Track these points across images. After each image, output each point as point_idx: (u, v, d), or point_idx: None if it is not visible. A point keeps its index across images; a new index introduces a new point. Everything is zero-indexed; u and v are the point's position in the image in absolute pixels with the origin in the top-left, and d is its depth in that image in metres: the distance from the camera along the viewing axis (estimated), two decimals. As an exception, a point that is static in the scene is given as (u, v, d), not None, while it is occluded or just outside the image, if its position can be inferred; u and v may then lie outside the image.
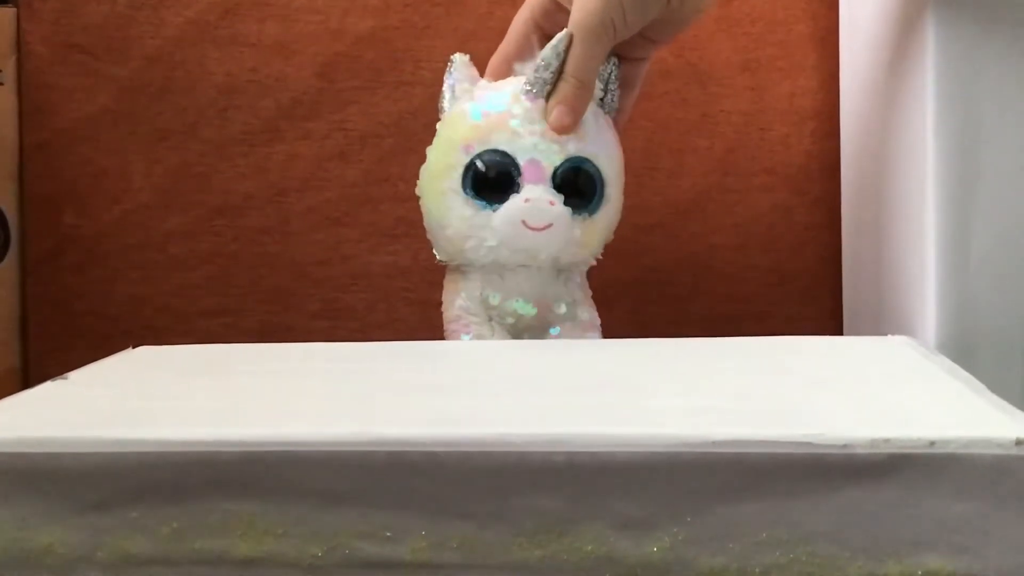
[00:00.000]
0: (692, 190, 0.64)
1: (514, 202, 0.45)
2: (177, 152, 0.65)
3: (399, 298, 0.66)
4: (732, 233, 0.65)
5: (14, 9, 0.65)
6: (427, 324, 0.51)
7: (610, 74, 0.49)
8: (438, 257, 0.49)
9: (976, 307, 0.45)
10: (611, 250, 0.49)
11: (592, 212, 0.47)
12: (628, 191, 0.50)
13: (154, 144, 0.65)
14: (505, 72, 0.49)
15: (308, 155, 0.65)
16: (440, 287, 0.50)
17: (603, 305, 0.50)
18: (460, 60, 0.49)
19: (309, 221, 0.65)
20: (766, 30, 0.64)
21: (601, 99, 0.49)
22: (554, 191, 0.46)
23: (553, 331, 0.48)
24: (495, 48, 0.51)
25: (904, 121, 0.49)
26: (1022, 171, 0.45)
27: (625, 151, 0.50)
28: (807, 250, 0.64)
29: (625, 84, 0.50)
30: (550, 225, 0.45)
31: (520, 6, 0.54)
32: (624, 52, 0.49)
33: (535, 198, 0.45)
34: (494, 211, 0.46)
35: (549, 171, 0.46)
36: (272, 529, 0.29)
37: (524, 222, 0.45)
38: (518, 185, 0.46)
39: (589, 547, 0.29)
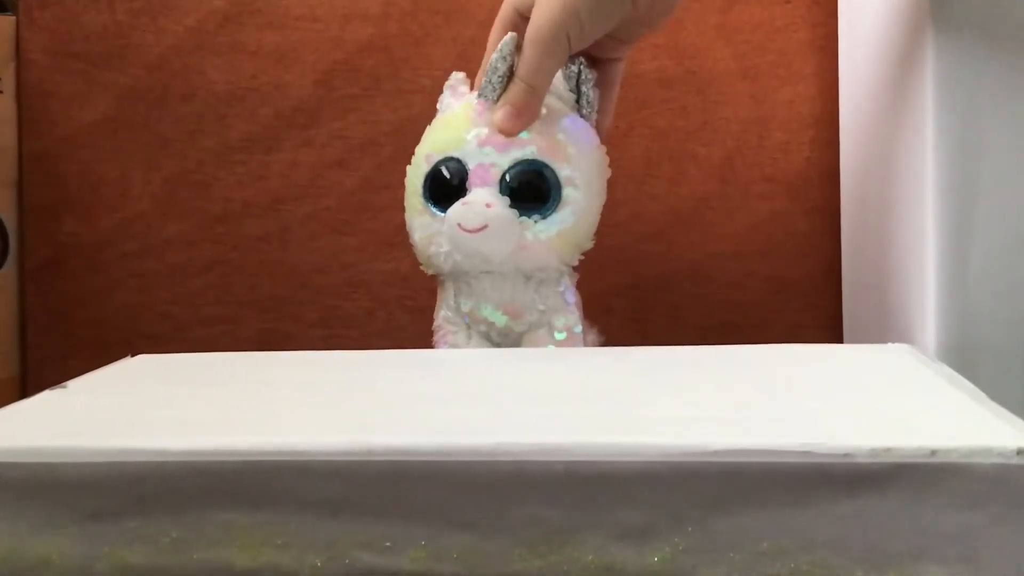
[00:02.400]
0: (691, 198, 0.64)
1: (455, 206, 0.46)
2: (176, 160, 0.65)
3: (398, 306, 0.66)
4: (731, 241, 0.65)
5: (14, 17, 0.65)
6: (426, 332, 0.51)
7: (579, 75, 0.48)
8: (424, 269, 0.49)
9: (976, 314, 0.45)
10: (610, 258, 0.49)
11: (545, 215, 0.46)
12: (626, 199, 0.50)
13: (153, 152, 0.65)
14: None
15: (307, 163, 0.65)
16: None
17: (602, 312, 0.50)
18: (453, 77, 0.50)
19: (308, 229, 0.65)
20: (765, 38, 0.64)
21: (576, 101, 0.48)
22: (499, 194, 0.45)
23: (559, 336, 0.47)
24: (487, 52, 0.51)
25: (904, 128, 0.49)
26: (1022, 178, 0.45)
27: (624, 158, 0.50)
28: (807, 258, 0.64)
29: (603, 84, 0.50)
30: (484, 227, 0.45)
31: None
32: (595, 53, 0.49)
33: (472, 201, 0.45)
34: (445, 216, 0.46)
35: (496, 175, 0.46)
36: (271, 539, 0.29)
37: (459, 225, 0.45)
38: (467, 190, 0.46)
39: (589, 557, 0.29)
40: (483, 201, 0.45)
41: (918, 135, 0.46)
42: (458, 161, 0.46)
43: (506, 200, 0.45)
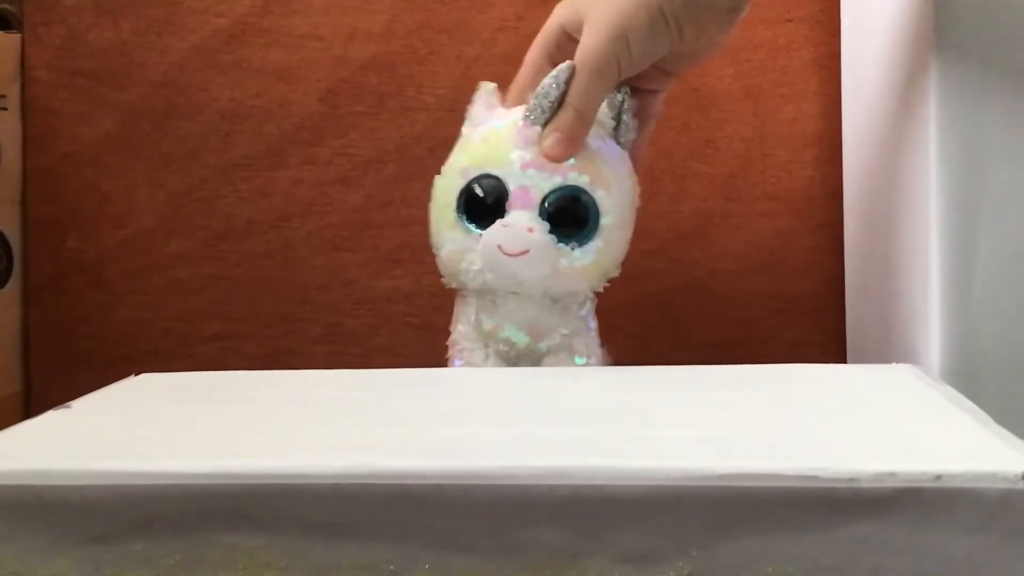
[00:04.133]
0: (694, 215, 0.65)
1: (495, 227, 0.45)
2: (180, 177, 0.66)
3: (401, 323, 0.66)
4: (734, 258, 0.65)
5: (19, 35, 0.65)
6: (430, 349, 0.51)
7: (621, 104, 0.48)
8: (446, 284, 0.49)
9: (980, 333, 0.45)
10: (613, 275, 0.49)
11: (582, 243, 0.46)
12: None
13: (157, 169, 0.66)
14: (522, 101, 0.49)
15: (311, 180, 0.65)
16: (443, 312, 0.50)
17: (605, 330, 0.50)
18: (484, 87, 0.49)
19: (312, 246, 0.66)
20: (768, 56, 0.64)
21: (614, 129, 0.48)
22: (539, 219, 0.45)
23: (579, 360, 0.47)
24: (498, 74, 0.51)
25: (907, 146, 0.49)
26: (1025, 198, 0.45)
27: (626, 176, 0.49)
28: (810, 275, 0.64)
29: (640, 115, 0.50)
30: (526, 251, 0.45)
31: (521, 33, 0.54)
32: (638, 84, 0.49)
33: (513, 223, 0.45)
34: (481, 235, 0.46)
35: (537, 198, 0.45)
36: (275, 562, 0.29)
37: (500, 247, 0.45)
38: (505, 211, 0.46)
39: (593, 581, 0.29)
40: (525, 225, 0.45)
41: (921, 153, 0.46)
42: (497, 180, 0.46)
43: (546, 225, 0.45)
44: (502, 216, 0.46)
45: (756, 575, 0.28)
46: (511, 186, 0.46)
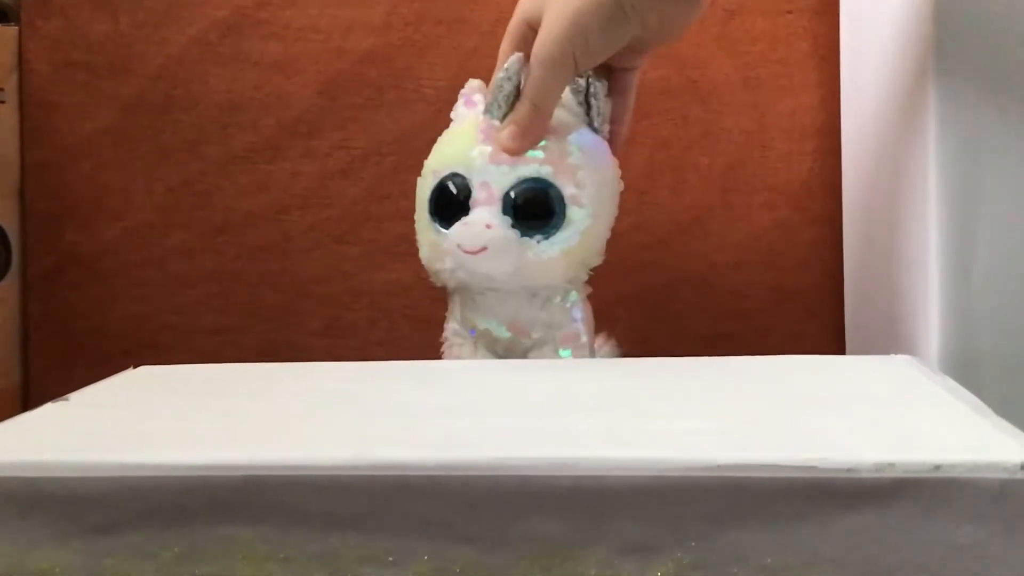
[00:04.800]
0: (693, 207, 0.65)
1: (456, 225, 0.45)
2: (179, 170, 0.66)
3: (400, 315, 0.66)
4: (733, 250, 0.65)
5: (16, 28, 0.65)
6: (428, 342, 0.51)
7: (587, 88, 0.48)
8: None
9: (979, 325, 0.45)
10: (612, 267, 0.49)
11: (548, 235, 0.45)
12: (629, 208, 0.50)
13: (156, 162, 0.65)
14: None
15: (310, 173, 0.65)
16: (441, 305, 0.50)
17: (604, 322, 0.50)
18: (469, 85, 0.50)
19: (310, 239, 0.65)
20: (767, 48, 0.64)
21: (586, 115, 0.48)
22: (500, 214, 0.45)
23: (563, 353, 0.47)
24: (496, 66, 0.51)
25: (906, 138, 0.49)
26: (1024, 190, 0.45)
27: (625, 169, 0.49)
28: (809, 267, 0.64)
29: (617, 92, 0.50)
30: (484, 248, 0.44)
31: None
32: (611, 62, 0.48)
33: (472, 221, 0.45)
34: (449, 234, 0.46)
35: (499, 193, 0.45)
36: (274, 554, 0.29)
37: (459, 245, 0.45)
38: (470, 208, 0.45)
39: (593, 571, 0.29)
40: (483, 222, 0.45)
41: (920, 145, 0.46)
42: (463, 177, 0.46)
43: (508, 220, 0.45)
44: (460, 213, 0.45)
45: (755, 565, 0.28)
46: (474, 182, 0.46)
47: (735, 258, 0.64)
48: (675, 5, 0.45)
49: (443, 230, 0.46)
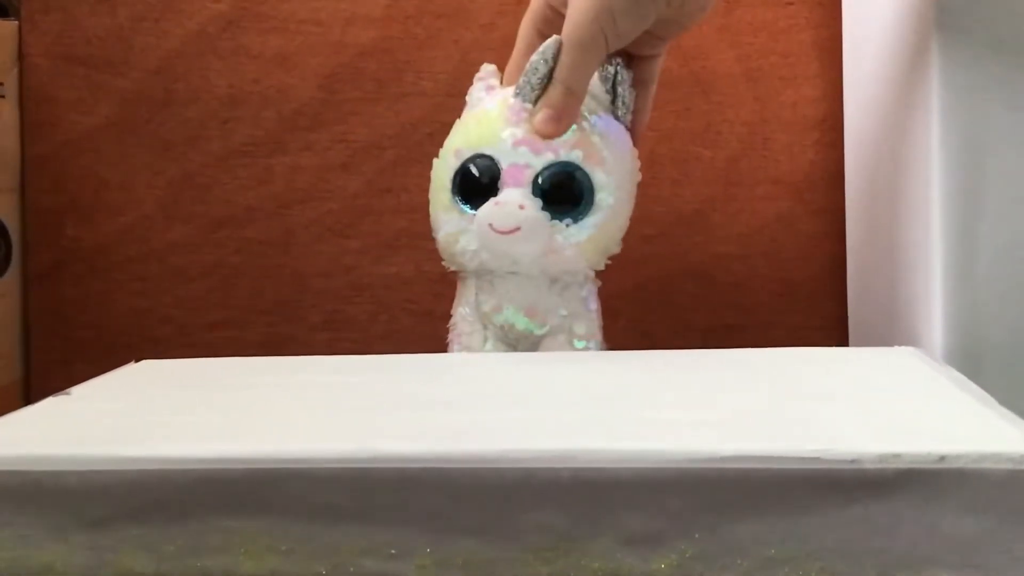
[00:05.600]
0: (695, 200, 0.64)
1: (487, 205, 0.45)
2: (179, 164, 0.65)
3: (401, 309, 0.65)
4: (736, 243, 0.64)
5: (16, 22, 0.65)
6: (429, 335, 0.51)
7: (615, 76, 0.48)
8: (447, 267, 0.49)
9: (983, 316, 0.45)
10: (614, 259, 0.49)
11: (577, 219, 0.45)
12: (631, 200, 0.49)
13: (156, 156, 0.65)
14: (514, 80, 0.49)
15: (310, 166, 0.65)
16: (443, 298, 0.50)
17: (607, 315, 0.50)
18: (485, 69, 0.49)
19: (311, 232, 0.65)
20: (769, 40, 0.63)
21: (611, 103, 0.48)
22: (531, 196, 0.45)
23: (578, 344, 0.47)
24: (497, 59, 0.51)
25: (909, 129, 0.48)
26: (1028, 180, 0.45)
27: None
28: (811, 259, 0.64)
29: (639, 81, 0.50)
30: (517, 228, 0.44)
31: (520, 17, 0.53)
32: (632, 50, 0.48)
33: (504, 201, 0.45)
34: (475, 215, 0.46)
35: (530, 175, 0.45)
36: (276, 546, 0.29)
37: (491, 225, 0.45)
38: (499, 190, 0.45)
39: (596, 564, 0.28)
40: (516, 202, 0.45)
41: (923, 136, 0.46)
42: (490, 159, 0.46)
43: (538, 202, 0.45)
44: (496, 195, 0.45)
45: (759, 557, 0.28)
46: (503, 164, 0.45)
47: (737, 250, 0.64)
48: None
49: (469, 210, 0.46)
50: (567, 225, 0.45)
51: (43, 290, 0.66)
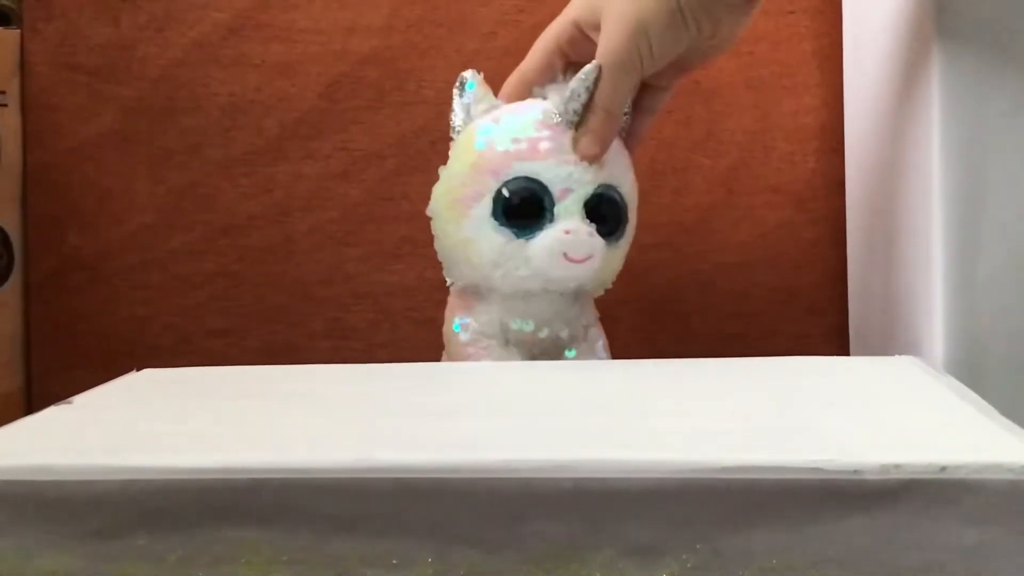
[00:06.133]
0: (696, 208, 0.64)
1: (552, 233, 0.45)
2: (181, 172, 0.65)
3: (403, 317, 0.65)
4: (737, 251, 0.64)
5: (18, 31, 0.65)
6: (431, 343, 0.51)
7: None
8: (450, 280, 0.49)
9: (984, 325, 0.45)
10: (615, 268, 0.49)
11: (618, 239, 0.47)
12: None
13: (158, 164, 0.65)
14: (523, 94, 0.48)
15: (312, 175, 0.65)
16: (444, 306, 0.50)
17: (609, 323, 0.50)
18: (476, 79, 0.48)
19: (313, 240, 0.65)
20: (770, 48, 0.64)
21: None
22: (587, 220, 0.45)
23: (569, 353, 0.47)
24: (498, 68, 0.51)
25: (909, 138, 0.49)
26: (1029, 189, 0.45)
27: (627, 170, 0.49)
28: (813, 268, 0.64)
29: (643, 110, 0.50)
30: (591, 256, 0.45)
31: (522, 26, 0.54)
32: (650, 80, 0.48)
33: (575, 229, 0.45)
34: (527, 241, 0.45)
35: (579, 199, 0.45)
36: (278, 556, 0.29)
37: (566, 254, 0.45)
38: (550, 214, 0.45)
39: (597, 574, 0.28)
40: (586, 230, 0.45)
41: (924, 144, 0.46)
42: (537, 182, 0.45)
43: (594, 227, 0.46)
44: (539, 219, 0.45)
45: (760, 567, 0.28)
46: (555, 189, 0.45)
47: (738, 258, 0.64)
48: (728, 13, 0.46)
49: (516, 236, 0.45)
50: (609, 245, 0.47)
51: (45, 298, 0.66)
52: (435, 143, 0.64)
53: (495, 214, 0.45)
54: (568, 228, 0.45)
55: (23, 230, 0.66)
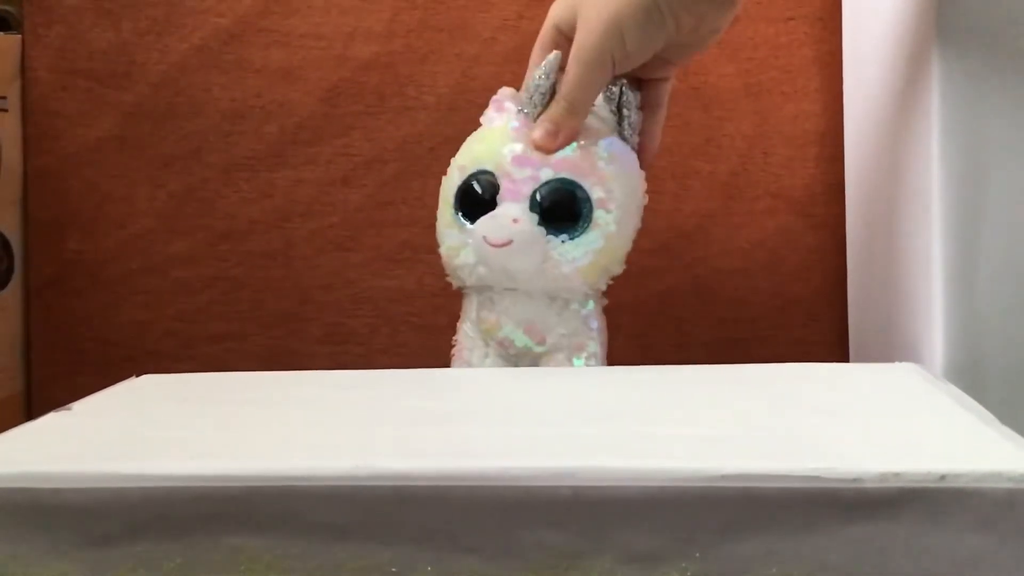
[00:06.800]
0: (696, 214, 0.64)
1: (483, 218, 0.45)
2: (181, 177, 0.66)
3: (403, 323, 0.65)
4: (736, 257, 0.64)
5: (19, 35, 0.65)
6: (431, 349, 0.51)
7: (620, 97, 0.48)
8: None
9: (984, 331, 0.45)
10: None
11: (574, 236, 0.45)
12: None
13: (158, 169, 0.65)
14: None
15: (312, 180, 0.65)
16: (444, 312, 0.50)
17: (607, 329, 0.50)
18: (501, 93, 0.49)
19: (313, 246, 0.65)
20: (769, 54, 0.64)
21: (617, 124, 0.48)
22: (528, 211, 0.45)
23: (577, 362, 0.47)
24: (499, 73, 0.51)
25: (909, 143, 0.49)
26: (1028, 195, 0.45)
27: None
28: (812, 273, 0.64)
29: (648, 105, 0.50)
30: (510, 242, 0.44)
31: (521, 32, 0.54)
32: (641, 74, 0.49)
33: (499, 214, 0.45)
34: (471, 227, 0.46)
35: (527, 190, 0.45)
36: (276, 564, 0.29)
37: (485, 237, 0.45)
38: (498, 205, 0.46)
39: (597, 582, 0.28)
40: (511, 216, 0.45)
41: (923, 150, 0.46)
42: (491, 175, 0.46)
43: (535, 217, 0.45)
44: (487, 209, 0.45)
45: (760, 575, 0.28)
46: (502, 179, 0.46)
47: (738, 264, 0.64)
48: (709, 6, 0.45)
49: (467, 224, 0.46)
50: (563, 241, 0.45)
51: (45, 303, 0.66)
52: (435, 148, 0.64)
53: (456, 207, 0.47)
54: (494, 213, 0.45)
55: (23, 235, 0.66)
